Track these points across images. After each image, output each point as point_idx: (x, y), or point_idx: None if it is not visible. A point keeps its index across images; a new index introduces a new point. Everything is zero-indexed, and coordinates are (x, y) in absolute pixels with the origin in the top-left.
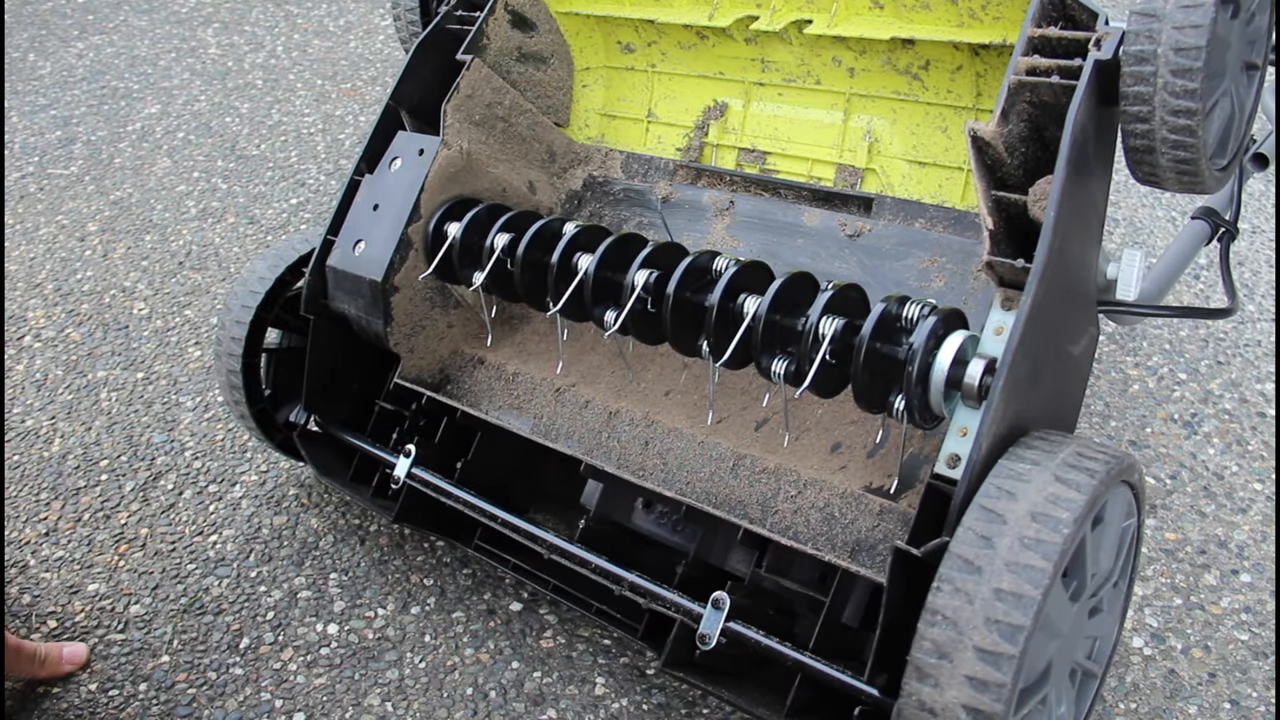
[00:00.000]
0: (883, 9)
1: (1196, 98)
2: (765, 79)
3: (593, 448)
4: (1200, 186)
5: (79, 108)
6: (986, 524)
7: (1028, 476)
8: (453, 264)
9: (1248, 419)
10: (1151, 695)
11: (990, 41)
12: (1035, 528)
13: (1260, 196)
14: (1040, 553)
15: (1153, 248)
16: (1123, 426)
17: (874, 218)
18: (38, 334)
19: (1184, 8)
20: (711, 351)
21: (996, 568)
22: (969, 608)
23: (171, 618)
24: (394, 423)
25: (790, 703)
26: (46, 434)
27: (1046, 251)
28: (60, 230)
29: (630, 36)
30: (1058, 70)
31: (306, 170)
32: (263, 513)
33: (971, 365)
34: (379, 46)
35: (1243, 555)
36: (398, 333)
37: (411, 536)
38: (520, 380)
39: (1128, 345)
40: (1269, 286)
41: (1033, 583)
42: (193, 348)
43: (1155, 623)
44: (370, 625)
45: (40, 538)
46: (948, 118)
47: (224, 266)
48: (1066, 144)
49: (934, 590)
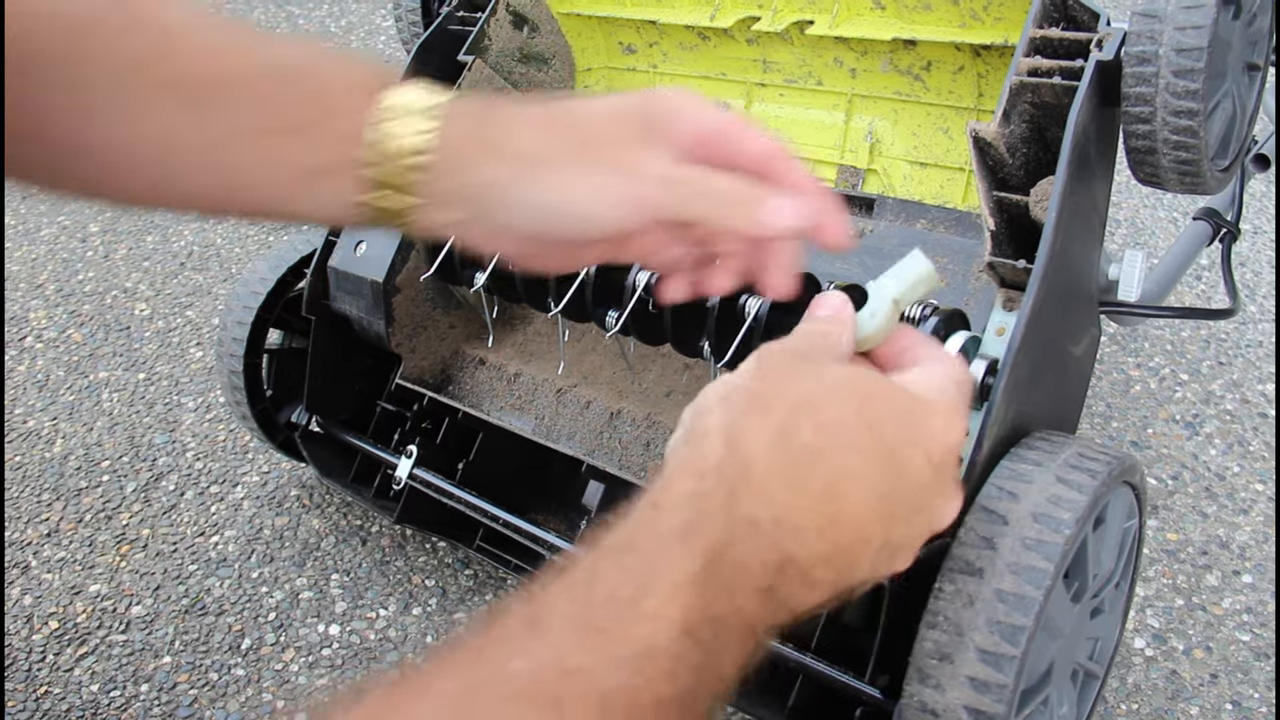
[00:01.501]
0: (884, 9)
1: (1198, 98)
2: (767, 80)
3: (594, 448)
4: (1202, 187)
5: None
6: (988, 525)
7: (1029, 477)
8: (454, 265)
9: (1249, 420)
10: (1153, 696)
11: (992, 42)
12: (1037, 528)
13: (1262, 197)
14: (1042, 553)
15: (1154, 249)
16: (1124, 427)
17: (875, 218)
18: (39, 334)
19: (1185, 8)
20: (713, 352)
21: (998, 569)
22: (970, 609)
23: (173, 618)
24: (395, 423)
25: (791, 704)
26: (48, 435)
27: (1048, 252)
28: (62, 231)
29: (631, 37)
30: (1059, 71)
31: None
32: (264, 513)
33: (973, 366)
34: (380, 47)
35: (1244, 556)
36: (399, 333)
37: (413, 537)
38: (522, 381)
39: (1129, 346)
40: (1270, 287)
41: (1034, 583)
42: (194, 348)
43: (1157, 623)
44: (372, 626)
45: (42, 538)
46: (949, 118)
47: (225, 267)
48: (1068, 145)
49: (936, 591)
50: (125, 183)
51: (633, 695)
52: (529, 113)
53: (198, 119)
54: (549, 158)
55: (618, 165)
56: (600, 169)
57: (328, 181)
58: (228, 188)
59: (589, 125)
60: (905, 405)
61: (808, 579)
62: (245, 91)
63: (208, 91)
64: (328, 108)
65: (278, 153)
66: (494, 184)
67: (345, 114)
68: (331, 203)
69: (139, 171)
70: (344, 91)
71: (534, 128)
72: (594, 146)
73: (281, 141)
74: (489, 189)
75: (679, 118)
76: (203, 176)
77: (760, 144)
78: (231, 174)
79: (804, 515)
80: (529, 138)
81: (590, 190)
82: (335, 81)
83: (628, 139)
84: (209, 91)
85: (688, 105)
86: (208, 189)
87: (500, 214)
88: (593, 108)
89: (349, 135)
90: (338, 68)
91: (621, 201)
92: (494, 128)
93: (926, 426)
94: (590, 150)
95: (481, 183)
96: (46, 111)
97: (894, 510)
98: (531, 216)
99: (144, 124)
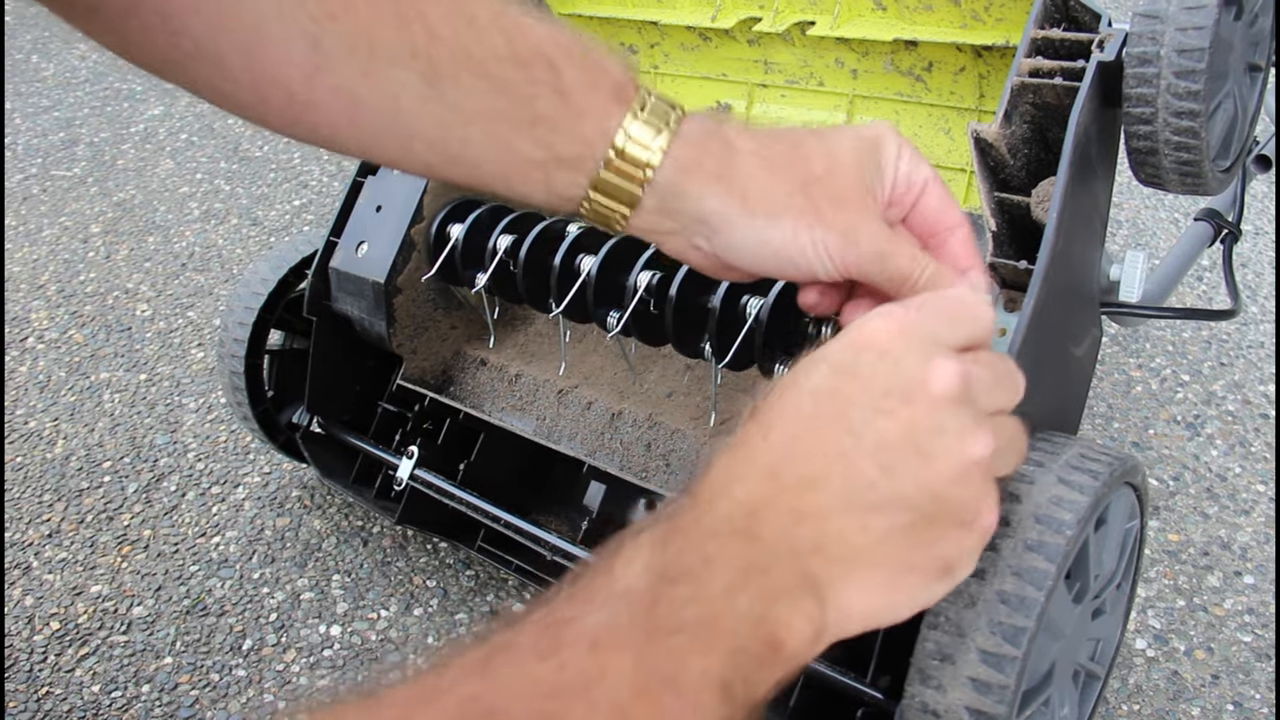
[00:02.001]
0: (885, 10)
1: (1199, 99)
2: (768, 80)
3: (595, 449)
4: (1203, 188)
5: (82, 109)
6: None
7: (1031, 478)
8: (455, 265)
9: (1251, 421)
10: (1155, 697)
11: (993, 43)
12: (1038, 529)
13: (1263, 198)
14: (1044, 554)
15: (1155, 249)
16: (1125, 428)
17: None
18: (41, 335)
19: (1187, 9)
20: (714, 353)
21: (1000, 570)
22: (972, 610)
23: (174, 619)
24: (397, 424)
25: (793, 705)
26: (49, 435)
27: (1049, 253)
28: (63, 232)
29: (633, 38)
30: (1060, 72)
31: (309, 172)
32: (265, 514)
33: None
34: None
35: (1246, 557)
36: (400, 334)
37: (414, 538)
38: (523, 381)
39: (1130, 347)
40: (1271, 288)
41: (1036, 584)
42: (195, 349)
43: (1158, 624)
44: (373, 627)
45: (43, 539)
46: (950, 119)
47: (227, 268)
48: (1069, 145)
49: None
50: (348, 135)
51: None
52: (756, 143)
53: (430, 94)
54: (772, 199)
55: (836, 225)
56: (820, 225)
57: (563, 174)
58: (451, 159)
59: (812, 167)
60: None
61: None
62: (484, 75)
63: (446, 68)
64: (574, 107)
65: (512, 139)
66: (714, 214)
67: (590, 116)
68: (564, 193)
69: (362, 126)
70: (588, 88)
71: (759, 162)
72: (816, 195)
73: (517, 130)
74: (709, 216)
75: (891, 166)
76: (427, 146)
77: (955, 218)
78: (458, 148)
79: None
80: (755, 173)
81: (808, 245)
82: (581, 79)
83: (847, 192)
84: (447, 68)
85: (899, 155)
86: (430, 157)
87: (713, 240)
88: (815, 147)
89: (591, 138)
90: (584, 64)
91: (835, 260)
92: (722, 155)
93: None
94: (812, 198)
95: (703, 210)
96: (281, 64)
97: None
98: (745, 252)
99: (375, 88)
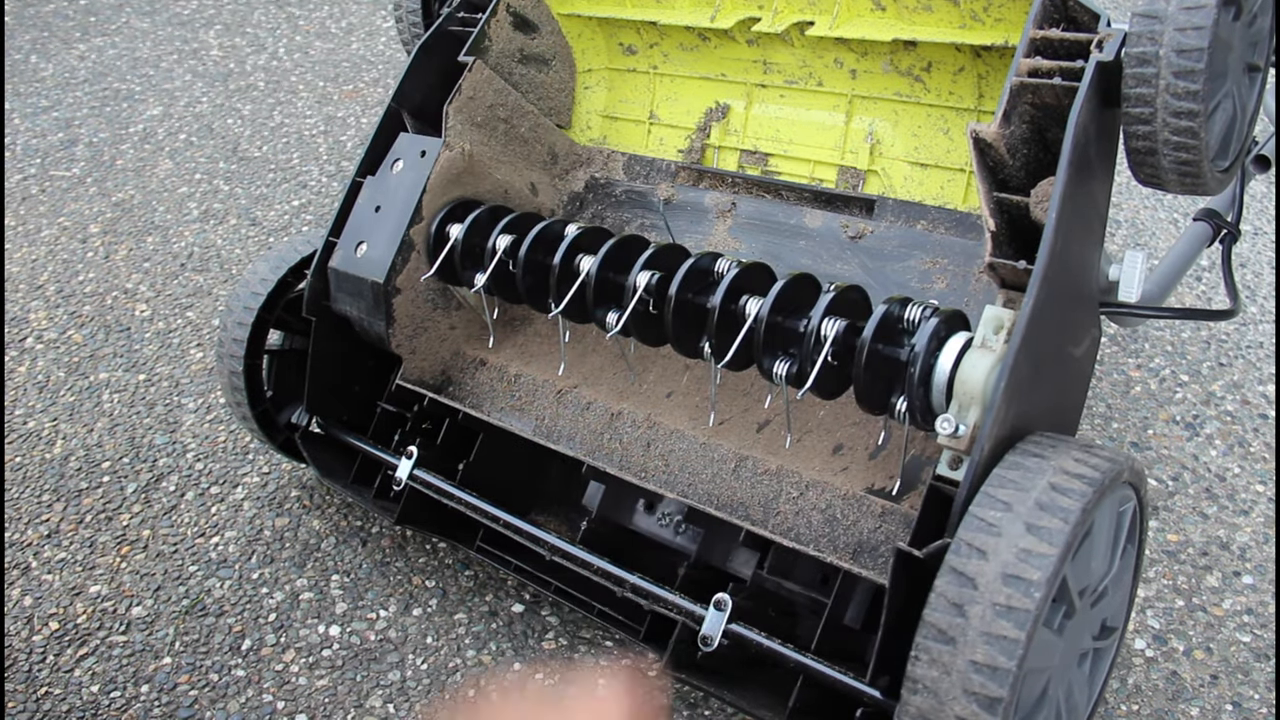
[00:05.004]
0: (884, 10)
1: (1198, 99)
2: (767, 80)
3: (595, 449)
4: (1202, 188)
5: (81, 109)
6: (984, 536)
7: (1030, 478)
8: (455, 265)
9: (1249, 421)
10: (1154, 697)
11: (992, 43)
12: (1035, 535)
13: (1262, 198)
14: (1043, 551)
15: (1155, 249)
16: (1125, 428)
17: (876, 219)
18: (40, 335)
19: (1186, 9)
20: (713, 353)
21: (996, 570)
22: (973, 605)
23: (173, 619)
24: (396, 424)
25: (792, 704)
26: (48, 436)
27: (1048, 253)
28: (62, 232)
29: (632, 38)
30: (1059, 72)
31: (308, 172)
32: (265, 514)
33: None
34: (381, 48)
35: (1244, 557)
36: (399, 334)
37: (413, 538)
38: (522, 382)
39: (1130, 347)
40: (1270, 288)
41: (1036, 584)
42: (194, 349)
43: (1157, 624)
44: (372, 627)
45: (42, 539)
46: (949, 119)
47: (226, 268)
48: (1068, 145)
49: (931, 601)
50: None
51: None
52: None
53: None
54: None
55: None
56: None
57: None
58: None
59: None
60: None
61: None
62: None
63: None
64: None
65: None
66: None
67: None
68: None
69: None
70: None
71: None
72: None
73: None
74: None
75: None
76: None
77: None
78: None
79: None
80: None
81: None
82: None
83: None
84: None
85: None
86: None
87: None
88: None
89: None
90: None
91: None
92: None
93: None
94: None
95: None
96: None
97: None
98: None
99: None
